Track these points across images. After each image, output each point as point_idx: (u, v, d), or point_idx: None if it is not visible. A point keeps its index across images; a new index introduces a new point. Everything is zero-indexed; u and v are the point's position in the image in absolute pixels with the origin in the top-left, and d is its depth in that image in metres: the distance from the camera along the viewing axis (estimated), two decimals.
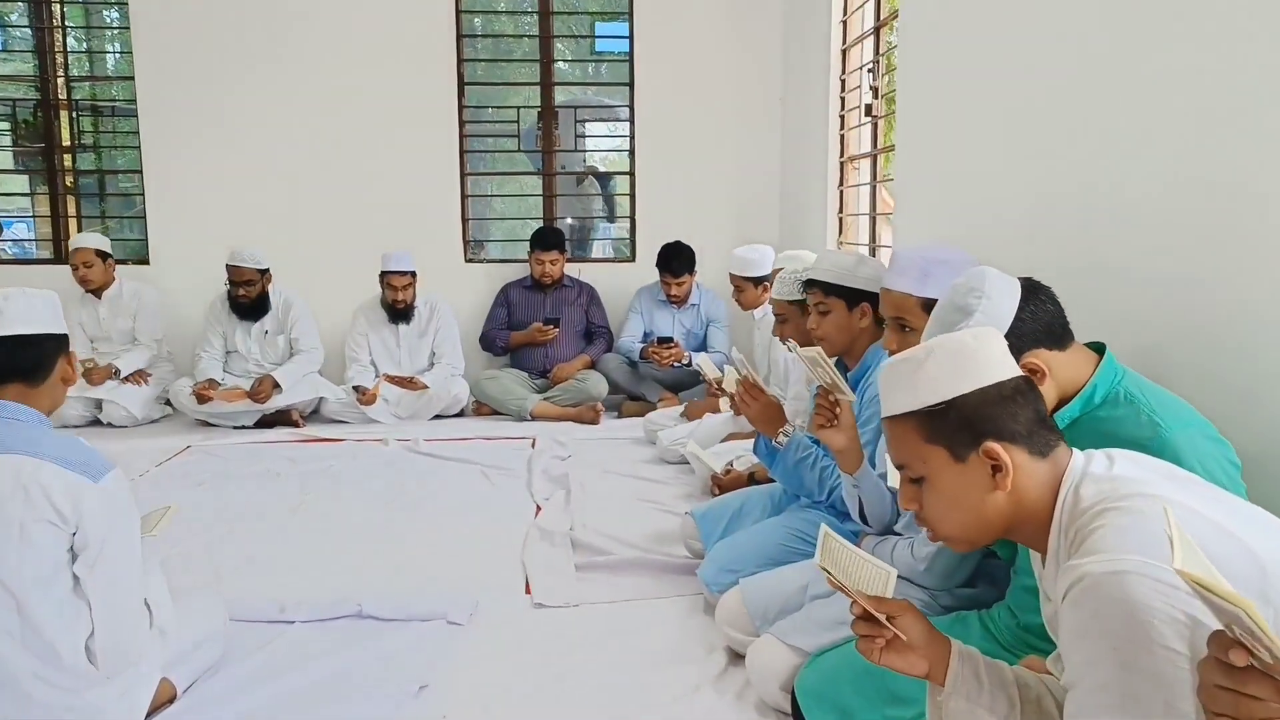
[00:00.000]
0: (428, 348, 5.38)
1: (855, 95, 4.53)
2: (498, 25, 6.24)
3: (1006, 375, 1.27)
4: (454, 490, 3.82)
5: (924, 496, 1.30)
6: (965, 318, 1.58)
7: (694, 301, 5.44)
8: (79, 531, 1.75)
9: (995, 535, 1.30)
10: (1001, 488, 1.24)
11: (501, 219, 6.28)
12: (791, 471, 2.57)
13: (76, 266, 5.08)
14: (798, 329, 3.08)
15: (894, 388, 1.31)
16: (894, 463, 1.34)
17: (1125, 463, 1.25)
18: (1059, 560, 1.24)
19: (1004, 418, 1.24)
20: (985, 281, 1.60)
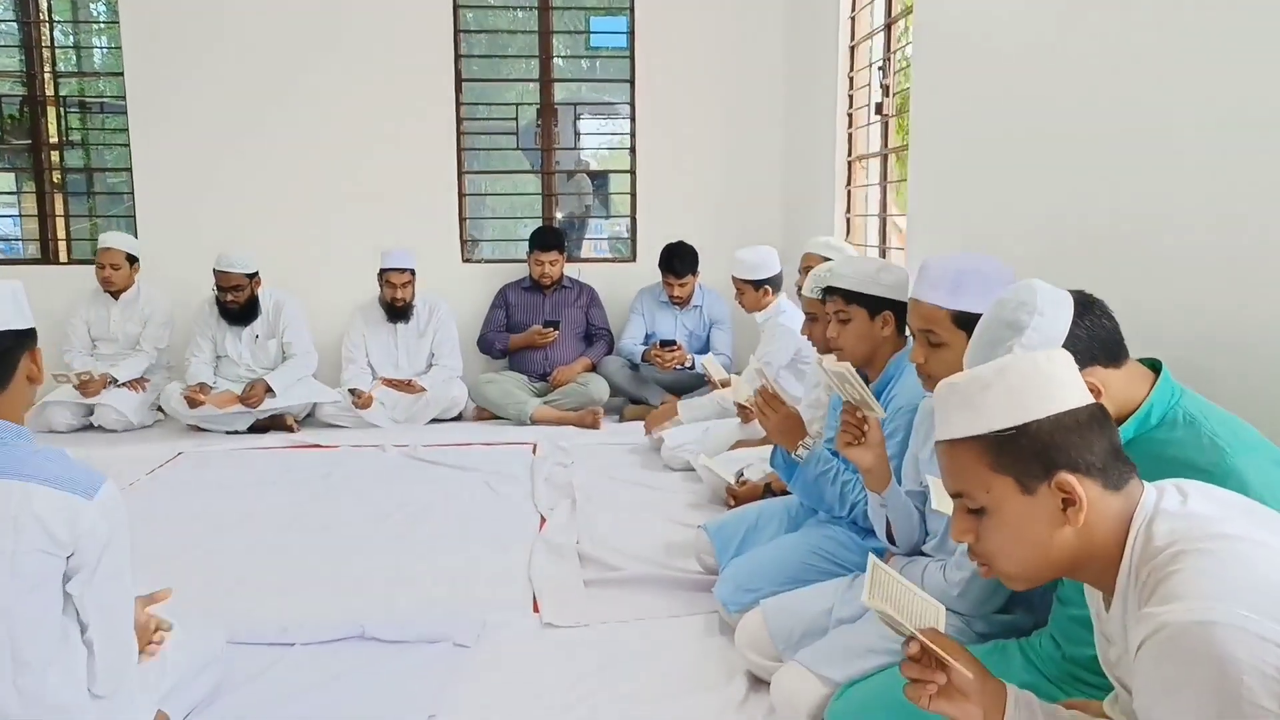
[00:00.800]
0: (426, 349, 5.27)
1: (863, 93, 4.44)
2: (495, 21, 6.12)
3: (1080, 401, 1.17)
4: (455, 501, 3.72)
5: (983, 528, 1.20)
6: (1016, 334, 1.48)
7: (696, 303, 5.34)
8: (76, 553, 1.65)
9: (1058, 574, 1.21)
10: (1072, 523, 1.15)
11: (500, 218, 6.16)
12: (811, 486, 2.47)
13: (103, 266, 4.98)
14: (828, 329, 2.97)
15: (956, 409, 1.21)
16: (950, 490, 1.24)
17: (1200, 498, 1.16)
18: (1127, 602, 1.15)
19: (1079, 447, 1.15)
20: (1036, 295, 1.50)
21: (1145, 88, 2.22)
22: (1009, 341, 1.49)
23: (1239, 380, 1.90)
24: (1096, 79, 2.42)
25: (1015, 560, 1.20)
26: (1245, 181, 1.90)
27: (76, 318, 5.08)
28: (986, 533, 1.20)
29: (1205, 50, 2.00)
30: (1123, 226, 2.34)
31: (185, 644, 2.04)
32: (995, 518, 1.18)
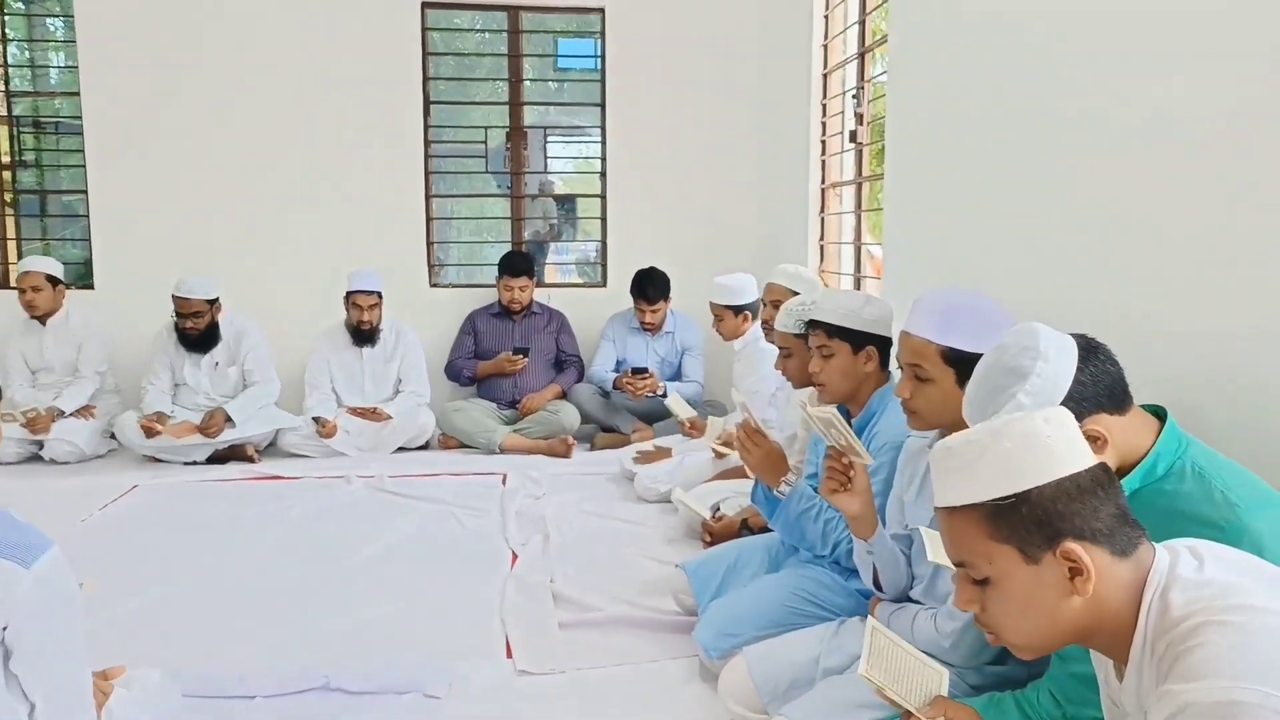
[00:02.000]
0: (393, 375, 5.15)
1: (836, 121, 4.42)
2: (464, 43, 6.06)
3: (1084, 464, 1.11)
4: (423, 536, 3.60)
5: (988, 599, 1.14)
6: (1019, 381, 1.43)
7: (669, 329, 5.28)
8: (9, 627, 1.52)
9: (1068, 643, 1.15)
10: (1080, 593, 1.09)
11: (468, 242, 6.06)
12: (793, 524, 2.40)
13: (24, 290, 4.80)
14: (803, 365, 2.90)
15: (953, 476, 1.14)
16: (953, 559, 1.18)
17: (1215, 563, 1.10)
18: (1142, 674, 1.09)
19: (1084, 514, 1.09)
20: (1039, 339, 1.45)
21: (1123, 114, 2.22)
22: (1012, 389, 1.43)
23: (1232, 414, 1.86)
24: (1073, 106, 2.41)
25: (1023, 632, 1.14)
26: (1233, 205, 1.88)
27: (11, 349, 4.91)
28: (991, 604, 1.14)
29: (1186, 71, 1.99)
30: (1103, 254, 2.32)
31: (133, 704, 1.92)
32: (999, 589, 1.12)
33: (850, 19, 4.22)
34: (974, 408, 1.50)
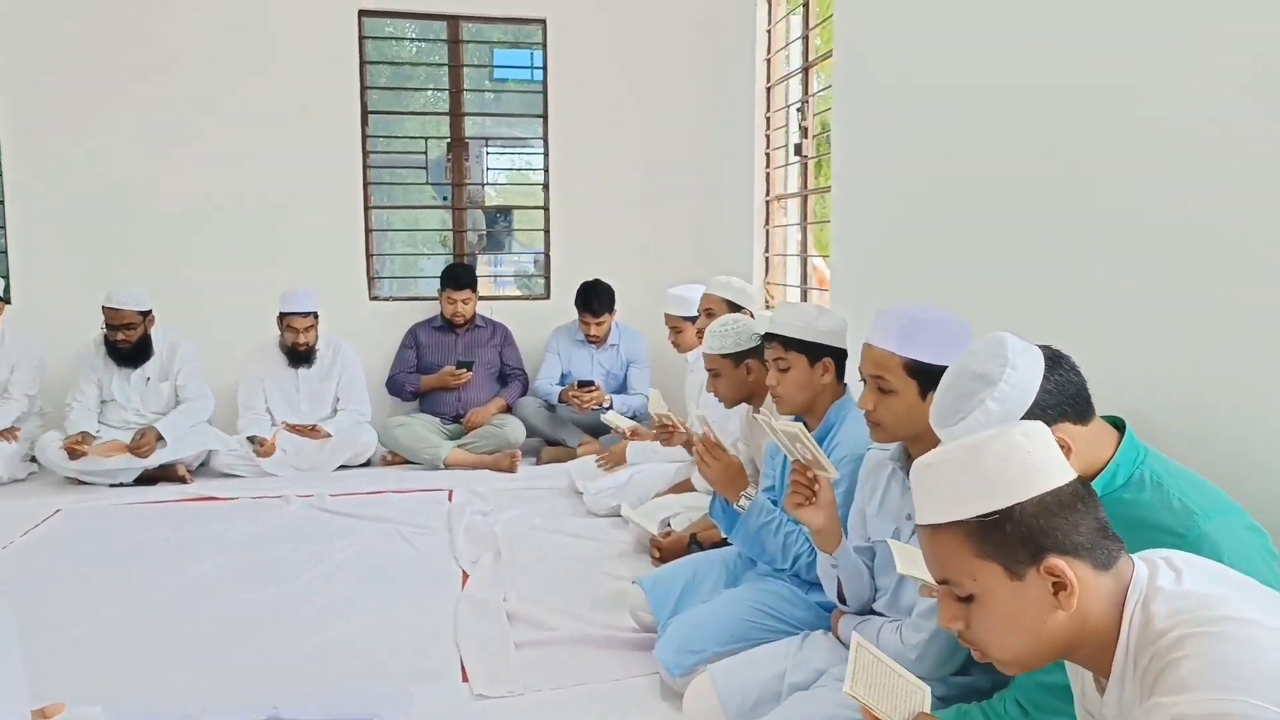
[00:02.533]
0: (331, 393, 5.01)
1: (780, 134, 4.46)
2: (404, 52, 5.97)
3: (1064, 479, 1.12)
4: (369, 556, 3.51)
5: (972, 616, 1.14)
6: (988, 387, 1.45)
7: (613, 341, 5.26)
8: None
9: (1054, 658, 1.16)
10: (1065, 607, 1.09)
11: (409, 255, 5.96)
12: (753, 537, 2.40)
13: None
14: (732, 384, 2.91)
15: (934, 493, 1.15)
16: (936, 577, 1.18)
17: (1192, 574, 1.12)
18: (1125, 687, 1.10)
19: (1065, 528, 1.10)
20: (1007, 348, 1.47)
21: (1071, 124, 2.26)
22: (980, 395, 1.45)
23: (1180, 424, 1.91)
24: (1021, 118, 2.46)
25: (1008, 648, 1.14)
26: (1181, 217, 1.93)
27: None
28: (976, 621, 1.14)
29: (1136, 80, 2.04)
30: (1050, 265, 2.37)
31: None
32: (984, 606, 1.12)
33: (793, 34, 4.27)
34: (942, 413, 1.51)
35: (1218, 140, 1.82)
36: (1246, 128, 1.75)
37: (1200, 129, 1.86)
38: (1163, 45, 1.95)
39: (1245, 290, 1.77)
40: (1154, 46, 1.98)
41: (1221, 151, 1.81)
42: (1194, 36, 1.87)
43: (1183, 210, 1.92)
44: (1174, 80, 1.93)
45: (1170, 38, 1.93)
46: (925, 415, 1.86)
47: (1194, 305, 1.89)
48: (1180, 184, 1.92)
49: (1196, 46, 1.86)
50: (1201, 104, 1.86)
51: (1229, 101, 1.79)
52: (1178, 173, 1.92)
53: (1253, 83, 1.73)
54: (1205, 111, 1.85)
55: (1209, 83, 1.84)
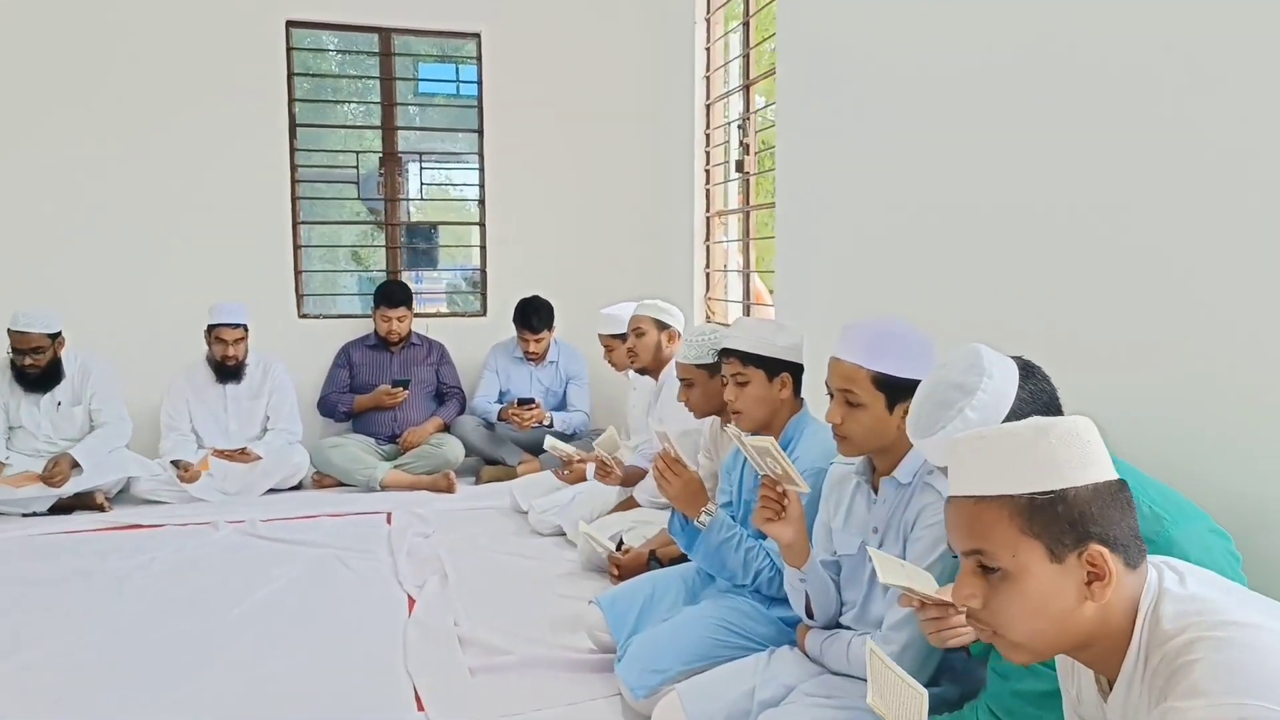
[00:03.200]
0: (260, 412, 4.84)
1: (719, 151, 4.49)
2: (333, 65, 5.84)
3: (1112, 475, 1.13)
4: (308, 582, 3.38)
5: (997, 593, 1.12)
6: (966, 396, 1.47)
7: (552, 358, 5.21)
8: None
9: (1065, 650, 1.16)
10: (1095, 598, 1.10)
11: (340, 271, 5.81)
12: (713, 554, 2.38)
13: None
14: (706, 395, 2.93)
15: (987, 464, 1.13)
16: (963, 547, 1.16)
17: (1194, 579, 1.14)
18: (1132, 688, 1.11)
19: (1111, 520, 1.11)
20: (983, 358, 1.50)
21: (1014, 134, 2.32)
22: (959, 404, 1.47)
23: (1127, 429, 1.96)
24: (963, 135, 2.52)
25: (1028, 631, 1.13)
26: (1127, 222, 2.00)
27: None
28: (1001, 598, 1.12)
29: (1078, 88, 2.10)
30: (997, 275, 2.43)
31: None
32: (1015, 584, 1.11)
33: (732, 52, 4.31)
34: (920, 423, 1.53)
35: (1164, 157, 1.88)
36: (1200, 130, 1.81)
37: (1145, 150, 1.92)
38: (1109, 66, 2.02)
39: (1200, 296, 1.83)
40: (1099, 70, 2.04)
41: (1173, 164, 1.87)
42: (1136, 53, 1.94)
43: (1128, 226, 1.98)
44: (1120, 99, 1.99)
45: (1118, 55, 1.99)
46: (892, 428, 1.89)
47: (1147, 313, 1.95)
48: (1127, 200, 1.98)
49: (1138, 66, 1.93)
50: (1148, 130, 1.92)
51: (1181, 113, 1.86)
52: (1126, 188, 1.99)
53: (1203, 83, 1.79)
54: (1152, 129, 1.91)
55: (1153, 108, 1.90)
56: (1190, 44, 1.82)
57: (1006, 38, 2.34)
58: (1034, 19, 2.24)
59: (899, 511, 1.91)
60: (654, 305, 3.83)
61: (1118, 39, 1.98)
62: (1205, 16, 1.78)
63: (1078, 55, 2.10)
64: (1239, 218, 1.73)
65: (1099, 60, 2.04)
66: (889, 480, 1.94)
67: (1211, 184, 1.79)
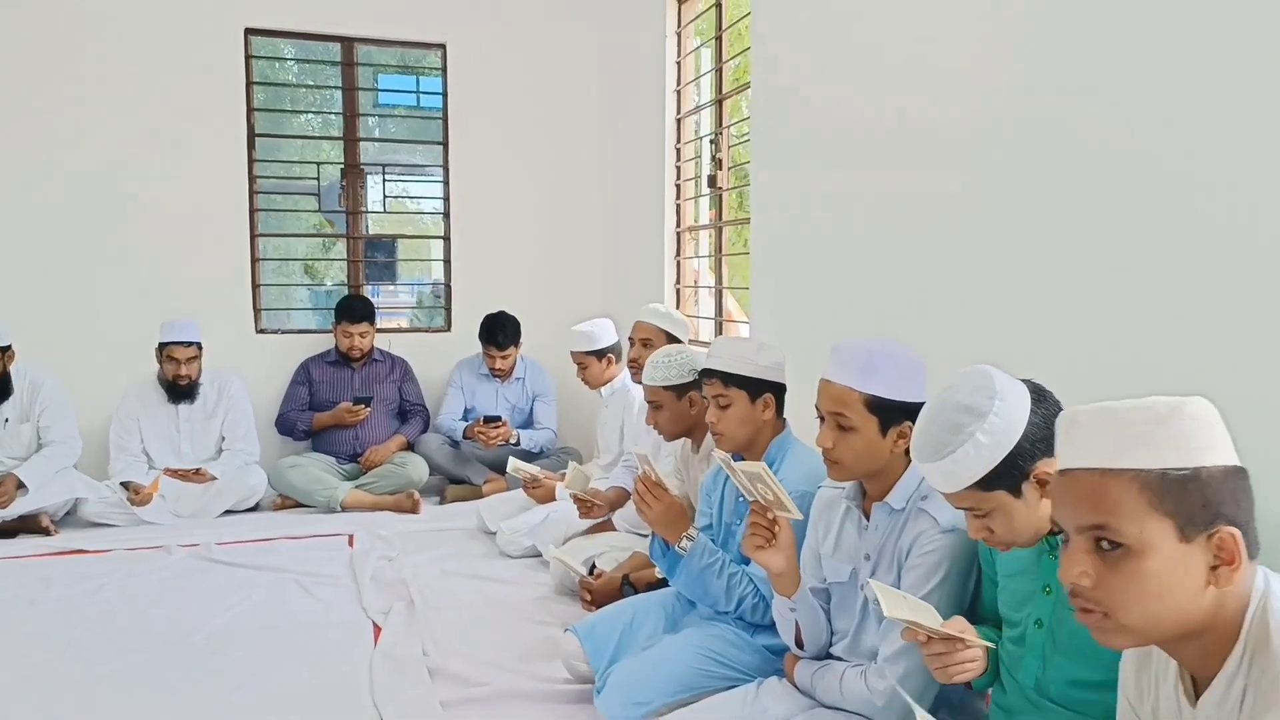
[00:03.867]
0: (215, 432, 4.68)
1: (690, 166, 4.45)
2: (295, 74, 5.71)
3: (1236, 459, 1.09)
4: (267, 610, 3.24)
5: (1115, 571, 1.06)
6: (977, 420, 1.42)
7: (519, 375, 5.12)
8: None
9: (1173, 638, 1.09)
10: (1220, 584, 1.05)
11: (301, 285, 5.67)
12: (695, 580, 2.31)
13: None
14: (674, 417, 2.88)
15: (1119, 436, 1.07)
16: (1081, 520, 1.09)
17: None
18: (1231, 687, 1.05)
19: (1241, 504, 1.06)
20: (994, 380, 1.45)
21: (993, 154, 2.30)
22: (970, 427, 1.42)
23: None
24: (943, 149, 2.49)
25: (1145, 614, 1.06)
26: (1093, 241, 1.98)
27: None
28: (1120, 576, 1.06)
29: (1046, 110, 2.08)
30: (973, 293, 2.40)
31: None
32: (1138, 561, 1.05)
33: (704, 67, 4.27)
34: (927, 446, 1.47)
35: (1144, 171, 1.86)
36: (1173, 157, 1.79)
37: (1127, 157, 1.90)
38: (1089, 77, 2.00)
39: (1170, 316, 1.81)
40: (1079, 78, 2.02)
41: (1148, 184, 1.85)
42: (1118, 68, 1.92)
43: (1107, 238, 1.96)
44: (1101, 111, 1.97)
45: (1094, 69, 1.98)
46: (885, 452, 1.84)
47: (1124, 329, 1.93)
48: (1105, 213, 1.96)
49: (1121, 78, 1.91)
50: (1127, 132, 1.90)
51: (1154, 132, 1.84)
52: (1102, 202, 1.97)
53: (1178, 115, 1.78)
54: (1131, 142, 1.89)
55: (1135, 114, 1.88)
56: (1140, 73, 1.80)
57: (983, 46, 2.32)
58: (1012, 28, 2.22)
59: (892, 538, 1.86)
60: (663, 314, 3.69)
61: (1106, 59, 1.96)
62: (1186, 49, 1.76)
63: (1053, 67, 2.08)
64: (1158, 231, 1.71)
65: (1074, 72, 2.02)
66: (881, 506, 1.88)
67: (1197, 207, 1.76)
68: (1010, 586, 1.59)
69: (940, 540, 1.75)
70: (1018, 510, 1.44)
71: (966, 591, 1.77)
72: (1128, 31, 1.90)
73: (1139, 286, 1.89)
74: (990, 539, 1.48)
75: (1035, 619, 1.52)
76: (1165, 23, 1.81)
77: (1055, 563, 1.49)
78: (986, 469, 1.41)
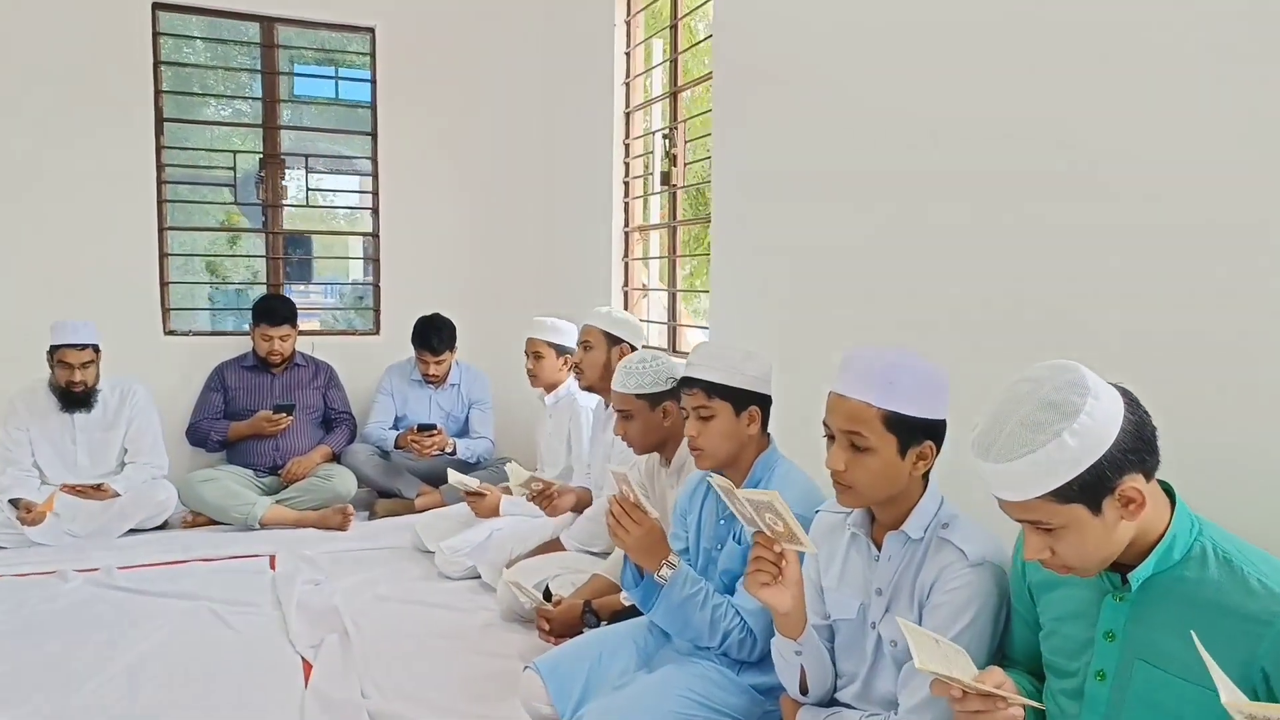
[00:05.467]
0: (116, 444, 4.25)
1: (640, 162, 4.24)
2: (207, 55, 5.28)
3: None
4: (180, 645, 2.90)
5: None
6: (1065, 419, 1.21)
7: (454, 381, 4.82)
8: None
9: None
10: None
11: (215, 283, 5.25)
12: (675, 612, 2.08)
13: None
14: (646, 429, 2.67)
15: None
16: None
17: None
18: None
19: None
20: (1086, 377, 1.25)
21: (965, 151, 2.22)
22: (1055, 426, 1.21)
23: None
24: (919, 141, 2.38)
25: None
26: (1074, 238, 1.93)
27: None
28: None
29: (1014, 110, 1.96)
30: (949, 296, 2.30)
31: None
32: None
33: (656, 58, 4.07)
34: (1001, 445, 1.24)
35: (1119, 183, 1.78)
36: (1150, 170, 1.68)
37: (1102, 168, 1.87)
38: (1067, 76, 1.93)
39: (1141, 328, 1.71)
40: (1049, 83, 1.98)
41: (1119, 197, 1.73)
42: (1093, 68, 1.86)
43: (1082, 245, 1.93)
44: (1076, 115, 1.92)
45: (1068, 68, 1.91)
46: (904, 475, 1.65)
47: (1104, 339, 1.83)
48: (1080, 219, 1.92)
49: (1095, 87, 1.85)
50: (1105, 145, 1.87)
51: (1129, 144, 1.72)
52: (1079, 208, 1.92)
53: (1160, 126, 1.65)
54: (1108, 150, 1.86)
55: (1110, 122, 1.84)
56: None
57: (951, 36, 2.21)
58: None
59: (909, 571, 1.67)
60: (609, 316, 3.44)
61: (1080, 69, 1.84)
62: None
63: (1037, 64, 1.95)
64: None
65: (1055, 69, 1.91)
66: (896, 535, 1.69)
67: None
68: (1062, 631, 1.40)
69: (969, 576, 1.57)
70: (1092, 530, 1.24)
71: (997, 634, 1.58)
72: (1095, 27, 1.85)
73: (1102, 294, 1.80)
74: (1049, 561, 1.29)
75: (1096, 670, 1.33)
76: None
77: (1119, 605, 1.32)
78: (1069, 476, 1.21)
